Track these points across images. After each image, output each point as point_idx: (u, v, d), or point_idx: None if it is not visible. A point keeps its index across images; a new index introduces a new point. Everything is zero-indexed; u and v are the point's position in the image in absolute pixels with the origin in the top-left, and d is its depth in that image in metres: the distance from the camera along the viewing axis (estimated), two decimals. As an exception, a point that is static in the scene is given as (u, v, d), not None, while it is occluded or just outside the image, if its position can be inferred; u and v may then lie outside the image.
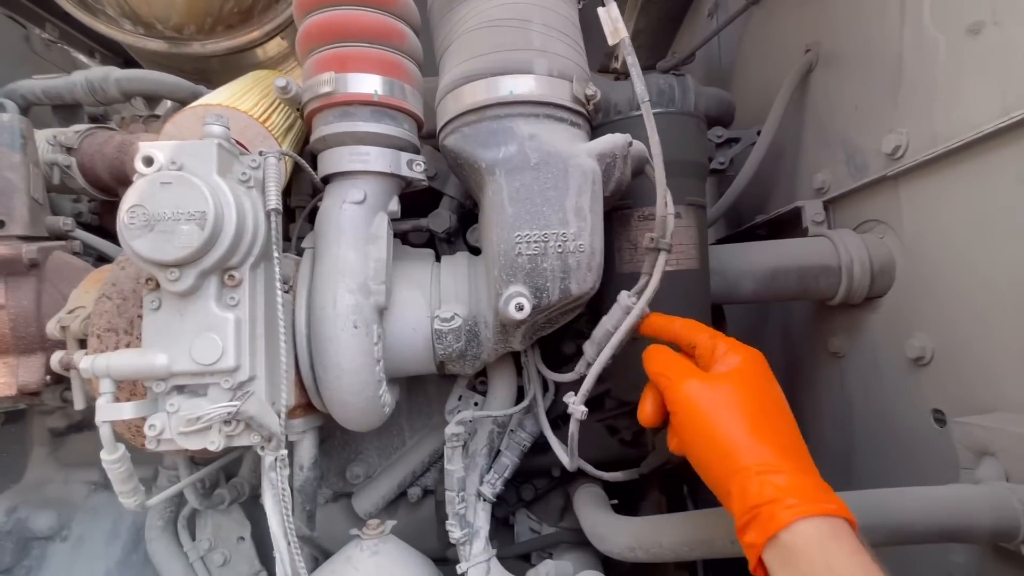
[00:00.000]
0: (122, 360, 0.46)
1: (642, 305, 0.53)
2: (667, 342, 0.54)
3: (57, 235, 0.72)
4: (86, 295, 0.63)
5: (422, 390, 0.83)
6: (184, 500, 0.81)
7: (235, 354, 0.48)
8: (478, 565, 0.66)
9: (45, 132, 0.83)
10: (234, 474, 0.84)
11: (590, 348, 0.58)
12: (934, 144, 0.65)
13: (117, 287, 0.57)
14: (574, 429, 0.56)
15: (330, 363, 0.58)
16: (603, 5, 0.56)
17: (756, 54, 1.18)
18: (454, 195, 0.80)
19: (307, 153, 0.71)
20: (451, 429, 0.66)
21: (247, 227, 0.49)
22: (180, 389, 0.49)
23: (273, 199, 0.51)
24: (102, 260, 0.88)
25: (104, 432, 0.46)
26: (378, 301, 0.60)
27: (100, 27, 1.00)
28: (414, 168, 0.65)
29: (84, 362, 0.46)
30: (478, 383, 0.78)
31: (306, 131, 0.71)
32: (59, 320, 0.59)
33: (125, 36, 1.01)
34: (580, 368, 0.61)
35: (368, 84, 0.60)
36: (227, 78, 0.83)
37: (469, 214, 0.81)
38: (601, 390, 0.80)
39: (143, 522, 0.87)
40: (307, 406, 0.64)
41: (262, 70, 0.86)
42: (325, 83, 0.59)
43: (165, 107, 1.20)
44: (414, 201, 0.74)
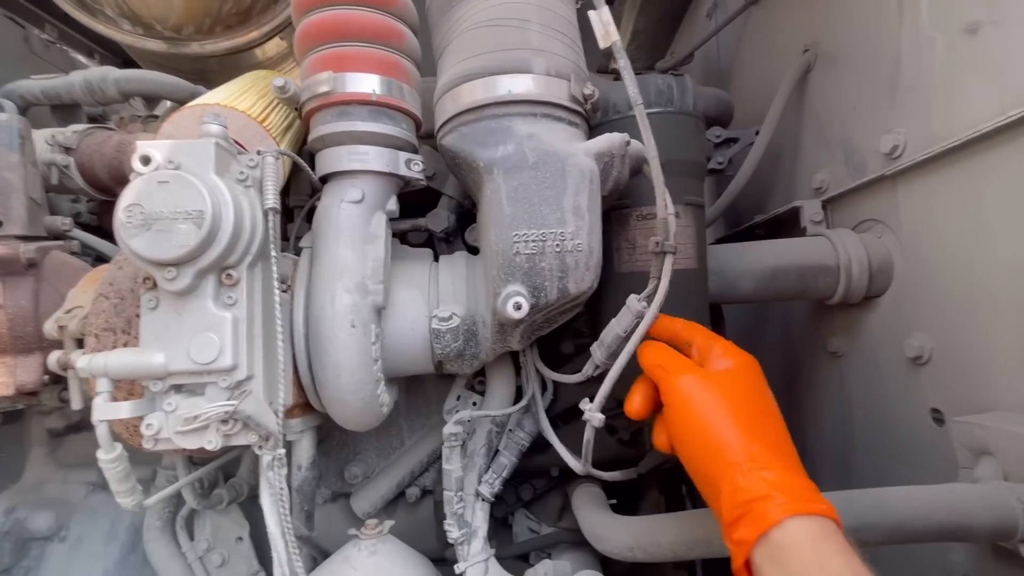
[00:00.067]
0: (119, 359, 0.46)
1: (655, 310, 0.53)
2: (665, 341, 0.54)
3: (55, 235, 0.72)
4: (84, 295, 0.63)
5: (421, 390, 0.83)
6: (182, 500, 0.81)
7: (232, 353, 0.48)
8: (476, 565, 0.66)
9: (43, 132, 0.83)
10: (232, 474, 0.84)
11: (599, 351, 0.57)
12: (932, 144, 0.65)
13: (115, 286, 0.57)
14: (589, 436, 0.56)
15: (328, 362, 0.58)
16: (593, 9, 0.56)
17: (754, 54, 1.18)
18: (453, 195, 0.80)
19: (305, 153, 0.71)
20: (449, 429, 0.66)
21: (244, 226, 0.49)
22: (178, 388, 0.49)
23: (271, 198, 0.51)
24: (100, 260, 0.88)
25: (101, 431, 0.46)
26: (376, 300, 0.60)
27: (99, 27, 1.00)
28: (412, 168, 0.65)
29: (81, 361, 0.46)
30: (476, 383, 0.78)
31: (304, 131, 0.71)
32: (57, 320, 0.59)
33: (124, 36, 1.01)
34: (587, 370, 0.60)
35: (366, 84, 0.60)
36: (226, 78, 0.83)
37: (468, 214, 0.81)
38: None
39: (141, 522, 0.87)
40: (305, 406, 0.64)
41: (260, 70, 0.86)
42: (323, 82, 0.59)
43: (164, 107, 1.20)
44: (413, 201, 0.74)
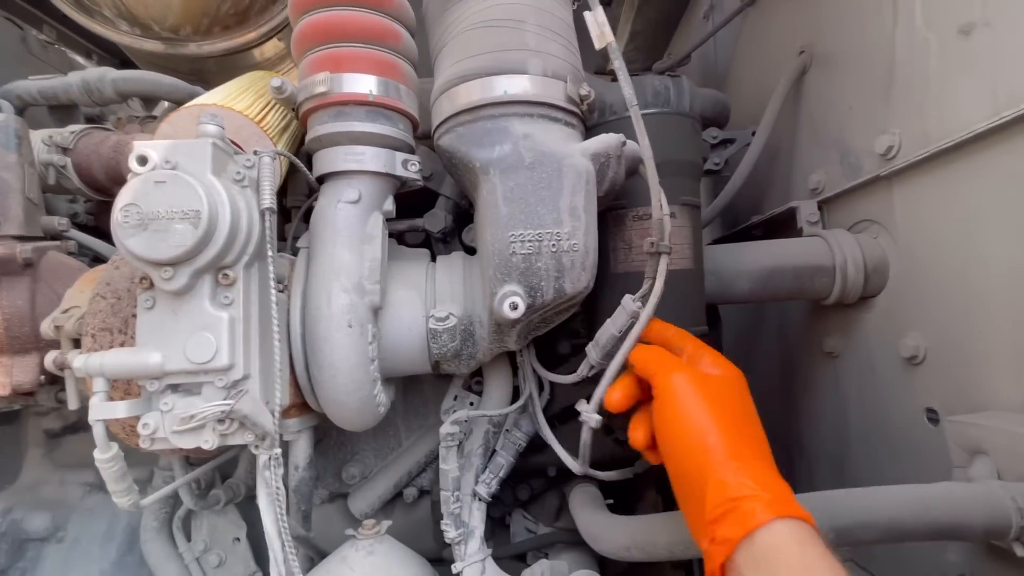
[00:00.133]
0: (116, 359, 0.46)
1: (649, 311, 0.53)
2: (657, 345, 0.55)
3: (52, 235, 0.72)
4: (80, 295, 0.63)
5: (418, 390, 0.83)
6: (179, 501, 0.81)
7: (229, 353, 0.48)
8: (473, 565, 0.66)
9: (41, 132, 0.83)
10: (229, 475, 0.84)
11: (594, 351, 0.58)
12: (926, 144, 0.66)
13: (111, 286, 0.57)
14: (586, 437, 0.56)
15: (325, 362, 0.58)
16: (588, 10, 0.56)
17: (751, 55, 1.18)
18: (450, 195, 0.80)
19: (303, 153, 0.71)
20: (446, 429, 0.66)
21: (241, 226, 0.49)
22: (174, 388, 0.49)
23: (267, 198, 0.51)
24: (97, 260, 0.88)
25: (97, 431, 0.46)
26: (373, 301, 0.60)
27: (97, 28, 1.00)
28: (409, 168, 0.65)
29: (78, 361, 0.46)
30: (474, 383, 0.78)
31: (302, 131, 0.71)
32: (53, 320, 0.59)
33: (122, 37, 1.01)
34: (583, 370, 0.60)
35: (363, 84, 0.60)
36: (224, 79, 0.83)
37: (465, 214, 0.81)
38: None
39: (138, 523, 0.87)
40: (302, 406, 0.64)
41: (258, 71, 0.86)
42: (320, 83, 0.59)
43: (162, 108, 1.21)
44: (410, 201, 0.74)
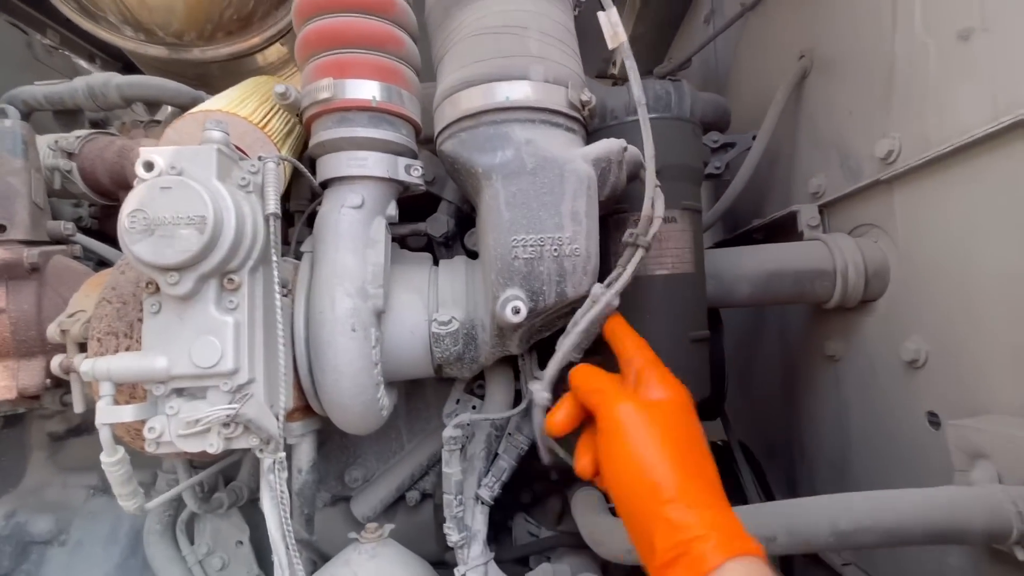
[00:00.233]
0: (122, 363, 0.46)
1: (610, 296, 0.54)
2: (611, 343, 0.55)
3: (58, 239, 0.73)
4: (86, 299, 0.64)
5: (420, 394, 0.84)
6: (183, 504, 0.82)
7: (234, 357, 0.49)
8: (476, 568, 0.67)
9: (46, 137, 0.84)
10: (233, 478, 0.84)
11: (563, 341, 0.57)
12: (926, 149, 0.66)
13: (117, 291, 0.58)
14: (538, 419, 0.55)
15: (328, 366, 0.58)
16: (600, 9, 0.56)
17: (751, 59, 1.19)
18: (452, 200, 0.81)
19: (306, 158, 0.71)
20: (448, 432, 0.66)
21: (246, 231, 0.50)
22: (179, 392, 0.49)
23: (272, 204, 0.52)
24: (102, 264, 0.88)
25: (104, 435, 0.46)
26: (376, 305, 0.60)
27: (101, 33, 1.01)
28: (412, 173, 0.65)
29: (85, 365, 0.46)
30: (476, 386, 0.78)
31: (305, 136, 0.72)
32: (59, 324, 0.60)
33: (126, 42, 1.02)
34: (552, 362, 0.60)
35: (366, 90, 0.61)
36: (227, 83, 0.83)
37: (467, 218, 0.82)
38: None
39: (141, 526, 0.87)
40: (305, 409, 0.64)
41: (261, 76, 0.86)
42: (324, 89, 0.60)
43: (165, 112, 1.21)
44: (412, 205, 0.75)
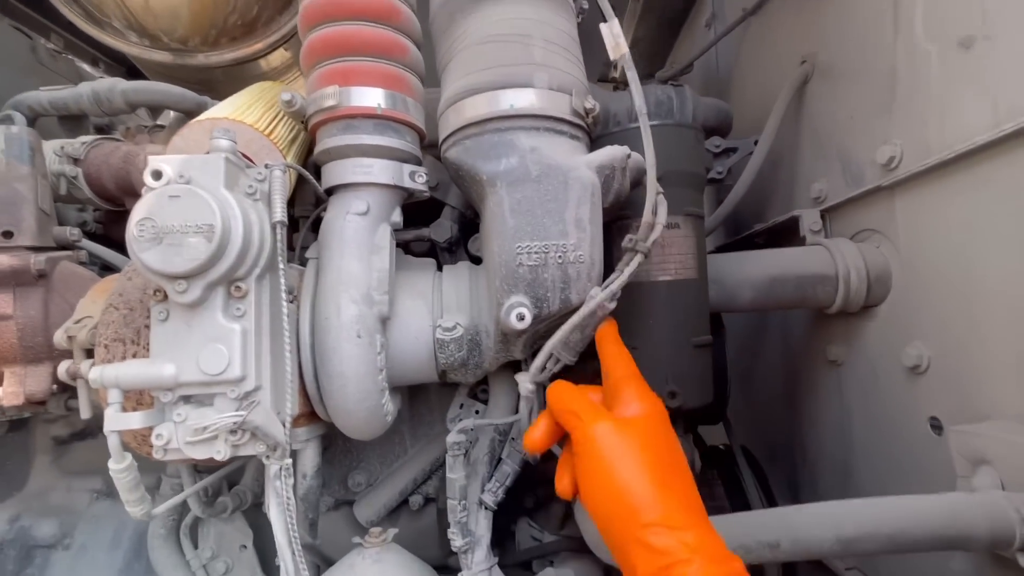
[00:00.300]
0: (131, 370, 0.46)
1: (603, 297, 0.54)
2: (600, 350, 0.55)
3: (64, 245, 0.73)
4: (93, 305, 0.64)
5: (424, 398, 0.84)
6: (187, 508, 0.82)
7: (241, 364, 0.49)
8: (480, 573, 0.67)
9: (52, 143, 0.84)
10: (236, 482, 0.84)
11: (554, 336, 0.58)
12: (928, 155, 0.66)
13: (124, 297, 0.58)
14: (523, 411, 0.55)
15: (334, 372, 0.58)
16: (602, 18, 0.57)
17: (753, 64, 1.19)
18: (455, 205, 0.81)
19: (310, 164, 0.72)
20: (453, 437, 0.66)
21: (253, 239, 0.50)
22: (187, 399, 0.49)
23: (279, 212, 0.52)
24: (107, 268, 0.89)
25: (112, 442, 0.47)
26: (381, 311, 0.60)
27: (106, 39, 1.02)
28: (416, 180, 0.66)
29: (93, 372, 0.47)
30: (479, 391, 0.78)
31: (309, 142, 0.72)
32: (66, 330, 0.60)
33: (131, 48, 1.02)
34: (550, 366, 0.60)
35: (371, 97, 0.61)
36: (231, 88, 0.84)
37: (470, 223, 0.82)
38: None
39: (145, 530, 0.87)
40: (310, 415, 0.65)
41: (266, 81, 0.87)
42: (329, 97, 0.60)
43: (167, 116, 1.22)
44: (416, 210, 0.75)
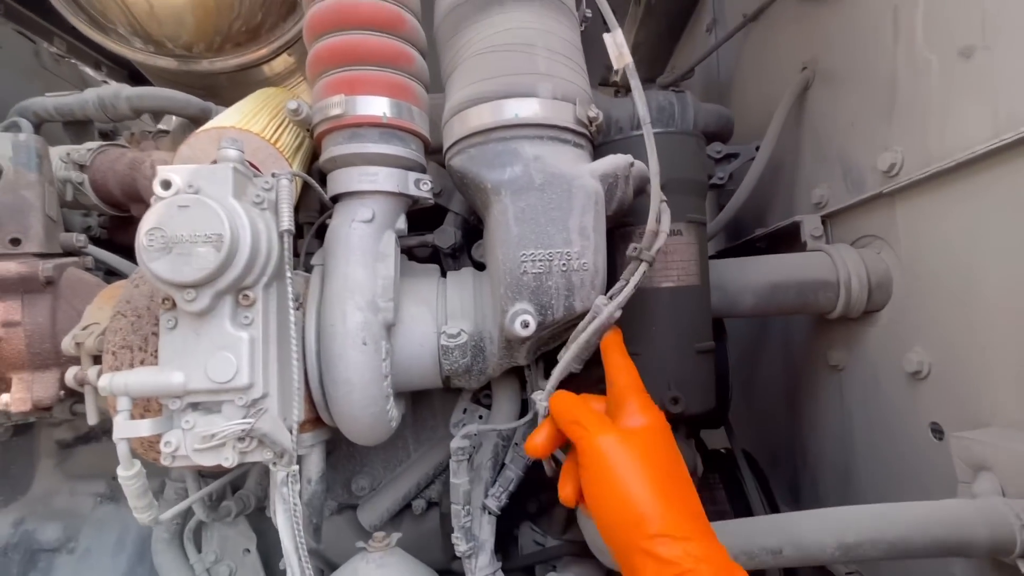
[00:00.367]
0: (140, 378, 0.47)
1: (612, 308, 0.54)
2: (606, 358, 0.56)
3: (70, 251, 0.73)
4: (100, 311, 0.64)
5: (427, 403, 0.84)
6: (190, 512, 0.82)
7: (249, 372, 0.50)
8: (484, 578, 0.67)
9: (58, 149, 0.85)
10: (240, 486, 0.84)
11: (565, 352, 0.59)
12: (928, 163, 0.67)
13: (131, 304, 0.58)
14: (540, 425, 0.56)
15: (340, 379, 0.59)
16: (604, 25, 0.57)
17: (754, 70, 1.20)
18: (459, 211, 0.81)
19: (315, 170, 0.72)
20: (457, 443, 0.67)
21: (261, 248, 0.51)
22: (195, 406, 0.50)
23: (286, 220, 0.53)
24: (111, 274, 0.89)
25: (121, 449, 0.47)
26: (386, 318, 0.61)
27: (111, 45, 1.02)
28: (421, 187, 0.66)
29: (102, 380, 0.47)
30: (482, 396, 0.79)
31: (314, 149, 0.73)
32: (74, 336, 0.61)
33: (136, 54, 1.03)
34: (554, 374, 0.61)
35: (377, 106, 0.62)
36: (234, 93, 0.84)
37: (474, 230, 0.83)
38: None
39: (149, 534, 0.87)
40: (315, 420, 0.65)
41: (270, 88, 0.87)
42: (335, 105, 0.61)
43: (171, 121, 1.22)
44: (419, 216, 0.75)
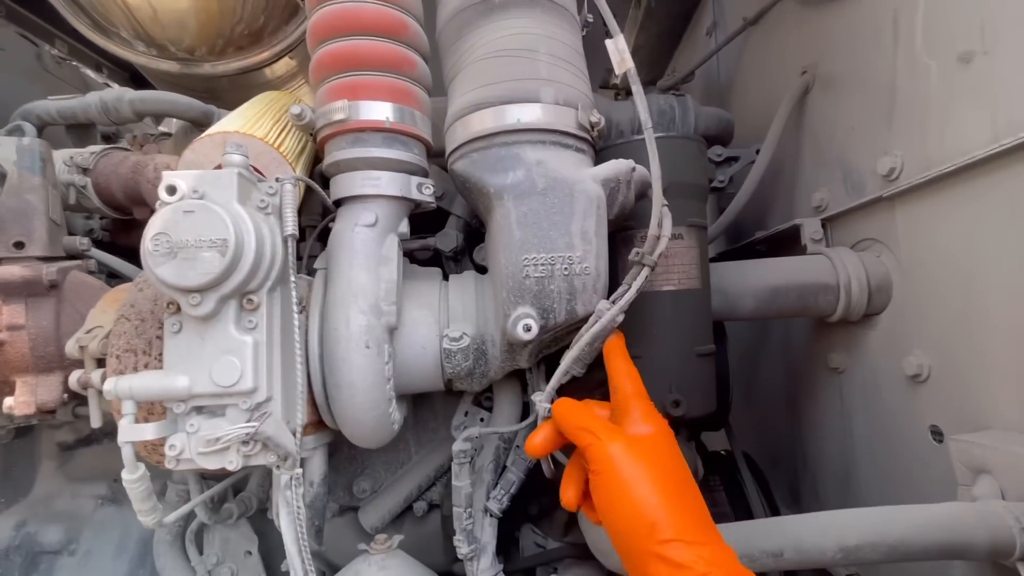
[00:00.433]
0: (145, 382, 0.47)
1: (615, 312, 0.55)
2: (607, 362, 0.56)
3: (73, 255, 0.74)
4: (103, 315, 0.65)
5: (428, 406, 0.84)
6: (192, 515, 0.82)
7: (253, 376, 0.50)
8: (485, 580, 0.67)
9: (62, 153, 0.85)
10: (242, 489, 0.85)
11: (568, 354, 0.59)
12: (927, 168, 0.67)
13: (135, 308, 0.59)
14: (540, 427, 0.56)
15: (343, 382, 0.59)
16: (606, 29, 0.58)
17: (754, 73, 1.20)
18: (460, 214, 0.82)
19: (317, 174, 0.72)
20: (458, 446, 0.67)
21: (265, 253, 0.51)
22: (199, 410, 0.50)
23: (290, 225, 0.53)
24: (113, 276, 0.89)
25: (126, 453, 0.47)
26: (389, 321, 0.61)
27: (114, 49, 1.03)
28: (423, 191, 0.67)
29: (108, 384, 0.47)
30: (484, 399, 0.79)
31: (316, 152, 0.73)
32: (78, 340, 0.61)
33: (138, 58, 1.03)
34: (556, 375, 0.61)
35: (380, 111, 0.62)
36: (235, 96, 0.85)
37: (475, 233, 0.83)
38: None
39: (150, 536, 0.88)
40: (318, 423, 0.65)
41: (272, 91, 0.88)
42: (339, 110, 0.61)
43: (171, 124, 1.23)
44: (420, 219, 0.76)
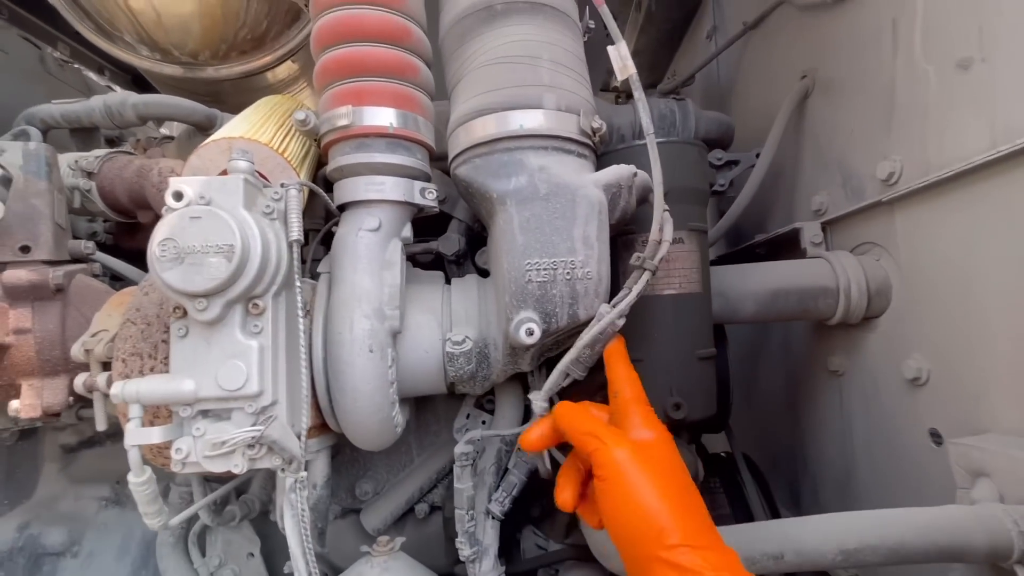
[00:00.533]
0: (151, 386, 0.48)
1: (615, 315, 0.55)
2: (608, 365, 0.56)
3: (79, 258, 0.74)
4: (109, 318, 0.65)
5: (430, 408, 0.85)
6: (195, 517, 0.83)
7: (259, 380, 0.50)
8: (487, 582, 0.68)
9: (66, 156, 0.85)
10: (245, 491, 0.85)
11: (567, 355, 0.59)
12: (926, 172, 0.68)
13: (141, 312, 0.59)
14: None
15: (347, 386, 0.60)
16: (607, 34, 0.58)
17: (754, 77, 1.21)
18: (463, 218, 0.82)
19: (320, 178, 0.73)
20: (461, 448, 0.68)
21: (271, 258, 0.52)
22: (205, 413, 0.51)
23: (295, 231, 0.54)
24: (117, 279, 0.90)
25: (132, 456, 0.48)
26: (392, 325, 0.62)
27: (118, 53, 1.03)
28: (427, 196, 0.67)
29: (114, 388, 0.48)
30: (485, 401, 0.80)
31: (320, 157, 0.74)
32: (83, 343, 0.61)
33: (142, 62, 1.04)
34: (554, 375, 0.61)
35: (384, 117, 0.63)
36: (238, 99, 0.85)
37: (477, 236, 0.84)
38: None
39: (153, 538, 0.88)
40: (321, 426, 0.66)
41: (275, 95, 0.88)
42: (343, 116, 0.62)
43: (172, 126, 1.23)
44: (423, 223, 0.76)
